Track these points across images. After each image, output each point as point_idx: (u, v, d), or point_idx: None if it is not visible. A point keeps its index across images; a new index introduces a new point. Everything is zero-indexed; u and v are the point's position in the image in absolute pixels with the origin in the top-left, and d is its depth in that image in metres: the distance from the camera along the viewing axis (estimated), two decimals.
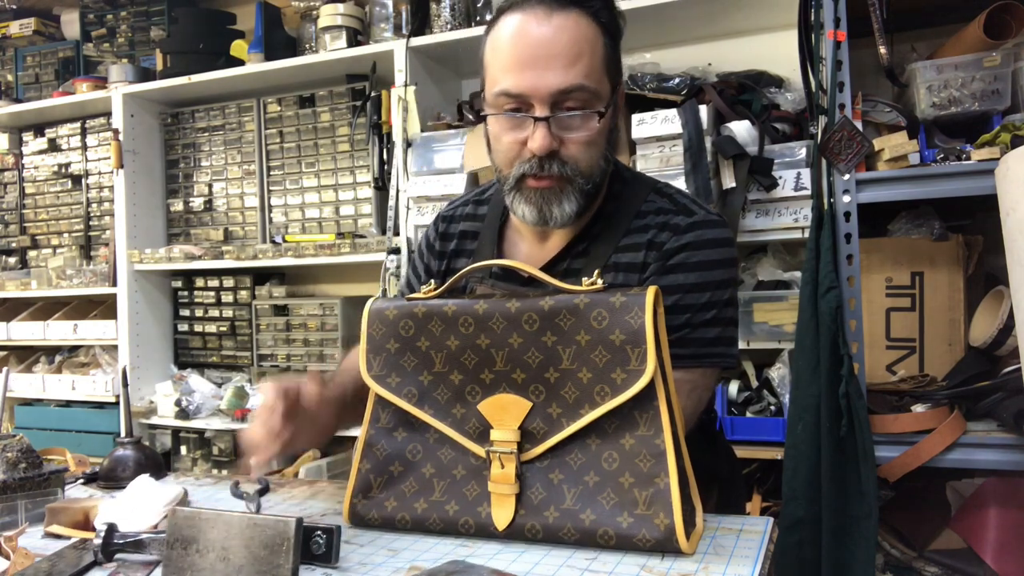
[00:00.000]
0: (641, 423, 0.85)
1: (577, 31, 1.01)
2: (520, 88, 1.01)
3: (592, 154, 1.05)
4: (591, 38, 1.02)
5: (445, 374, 0.94)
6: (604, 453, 0.87)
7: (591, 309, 0.87)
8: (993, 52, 1.63)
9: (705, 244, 1.07)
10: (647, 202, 1.12)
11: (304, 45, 2.61)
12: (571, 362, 0.88)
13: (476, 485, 0.91)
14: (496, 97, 1.04)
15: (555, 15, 1.01)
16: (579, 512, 0.86)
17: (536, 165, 1.02)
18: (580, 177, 1.04)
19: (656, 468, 0.84)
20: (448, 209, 1.30)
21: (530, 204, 1.05)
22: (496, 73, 1.04)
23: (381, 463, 0.96)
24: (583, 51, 1.01)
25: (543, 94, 1.00)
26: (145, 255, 2.73)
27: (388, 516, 0.94)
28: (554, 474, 0.88)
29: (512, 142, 1.04)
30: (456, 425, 0.93)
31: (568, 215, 1.05)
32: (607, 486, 0.86)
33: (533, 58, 1.00)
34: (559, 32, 1.00)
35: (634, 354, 0.85)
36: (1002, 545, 1.59)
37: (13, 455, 1.15)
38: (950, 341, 1.73)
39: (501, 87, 1.02)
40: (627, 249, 1.09)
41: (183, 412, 2.57)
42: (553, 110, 1.01)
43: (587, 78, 1.01)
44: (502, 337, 0.90)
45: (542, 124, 1.00)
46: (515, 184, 1.05)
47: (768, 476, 1.91)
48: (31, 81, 3.17)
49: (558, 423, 0.89)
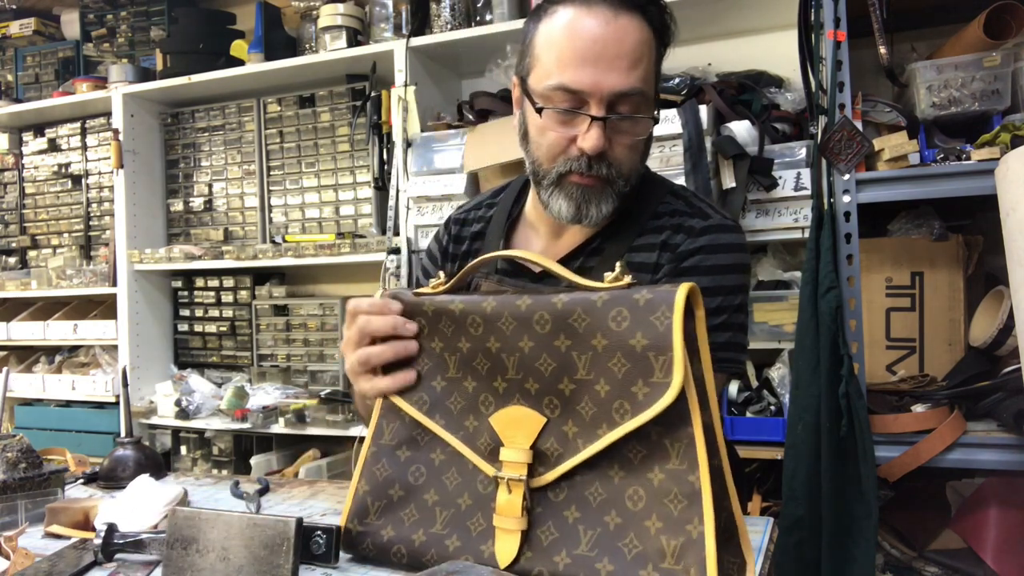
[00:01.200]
0: (673, 454, 0.71)
1: (640, 34, 1.01)
2: (581, 84, 0.99)
3: (635, 158, 1.06)
4: (650, 43, 1.03)
5: (459, 380, 0.85)
6: (629, 489, 0.73)
7: (609, 308, 0.74)
8: (993, 52, 1.63)
9: (719, 248, 1.07)
10: (663, 203, 1.12)
11: (304, 45, 2.61)
12: (587, 371, 0.76)
13: (482, 519, 0.81)
14: (551, 90, 1.01)
15: (621, 16, 1.00)
16: (595, 560, 0.73)
17: (585, 164, 1.02)
18: (621, 179, 1.04)
19: (689, 512, 0.69)
20: (460, 212, 1.29)
21: (570, 200, 1.04)
22: (551, 66, 1.01)
23: (380, 485, 0.88)
24: (643, 55, 1.01)
25: (604, 94, 0.99)
26: (145, 255, 2.73)
27: (383, 546, 0.85)
28: (569, 511, 0.76)
29: (560, 137, 1.03)
30: (468, 440, 0.84)
31: (604, 215, 1.05)
32: (630, 530, 0.72)
33: (596, 56, 0.98)
34: (625, 34, 1.00)
35: (658, 363, 0.71)
36: (1002, 545, 1.59)
37: (13, 455, 1.15)
38: (950, 341, 1.73)
39: (559, 80, 1.00)
40: (641, 249, 1.09)
41: (183, 412, 2.57)
42: (608, 111, 1.00)
43: (644, 83, 1.01)
44: (512, 340, 0.80)
45: (598, 124, 0.99)
46: (557, 180, 1.04)
47: (768, 476, 1.90)
48: (31, 81, 3.17)
49: (573, 444, 0.76)
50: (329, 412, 2.37)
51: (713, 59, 2.13)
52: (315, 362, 2.61)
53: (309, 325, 2.62)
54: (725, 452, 0.75)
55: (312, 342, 2.62)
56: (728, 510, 0.73)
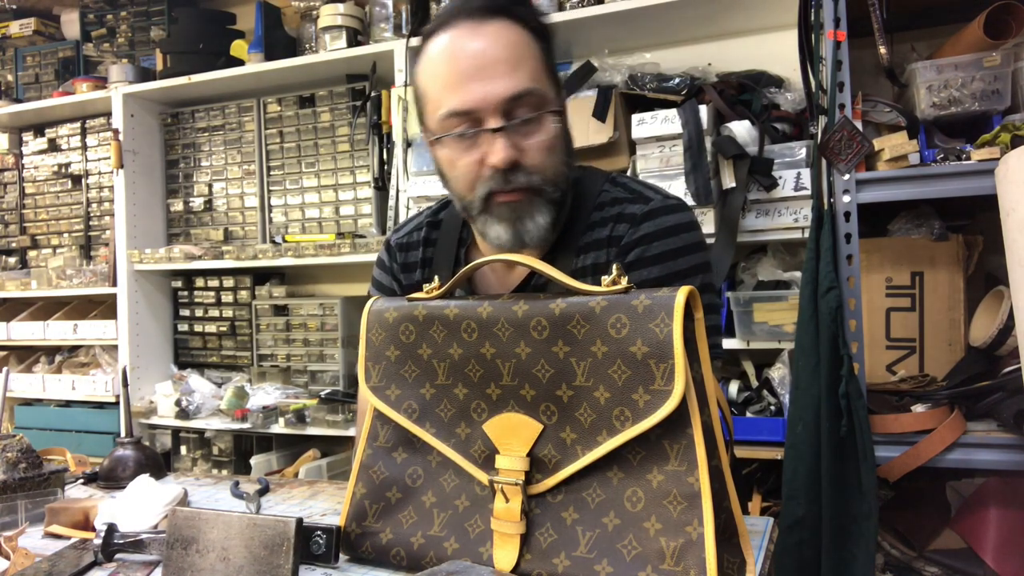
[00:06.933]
0: (672, 455, 0.71)
1: (513, 35, 0.97)
2: (468, 103, 0.95)
3: (556, 159, 1.00)
4: (527, 42, 0.98)
5: (448, 387, 0.84)
6: (627, 490, 0.73)
7: (609, 314, 0.74)
8: (993, 52, 1.63)
9: (664, 233, 1.01)
10: (603, 192, 1.07)
11: (304, 45, 2.61)
12: (586, 378, 0.75)
13: (480, 521, 0.80)
14: (443, 121, 0.97)
15: (486, 25, 0.97)
16: (594, 562, 0.73)
17: (501, 179, 0.96)
18: (548, 186, 0.99)
19: (688, 514, 0.70)
20: (400, 236, 1.20)
21: (503, 222, 0.99)
22: (438, 97, 0.98)
23: (378, 488, 0.87)
24: (523, 55, 0.97)
25: (494, 104, 0.94)
26: (145, 255, 2.73)
27: (383, 549, 0.85)
28: (567, 512, 0.76)
29: (469, 163, 0.98)
30: (460, 447, 0.83)
31: (543, 228, 1.00)
32: (629, 531, 0.72)
33: (476, 69, 0.95)
34: (497, 39, 0.96)
35: (659, 371, 0.71)
36: (1002, 545, 1.59)
37: (13, 455, 1.15)
38: (950, 341, 1.73)
39: (448, 107, 0.96)
40: (590, 248, 1.04)
41: (183, 412, 2.57)
42: (506, 119, 0.95)
43: (534, 81, 0.97)
44: (508, 346, 0.79)
45: (499, 135, 0.94)
46: (483, 206, 0.99)
47: (768, 476, 1.90)
48: (31, 81, 3.17)
49: (572, 451, 0.76)
50: (329, 412, 2.37)
51: (713, 59, 2.13)
52: (315, 362, 2.61)
53: (309, 325, 2.62)
54: (725, 452, 0.74)
55: (312, 342, 2.62)
56: (728, 510, 0.73)
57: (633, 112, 1.93)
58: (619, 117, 1.98)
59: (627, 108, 2.02)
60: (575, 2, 2.10)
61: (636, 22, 2.10)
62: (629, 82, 2.01)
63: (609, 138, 1.95)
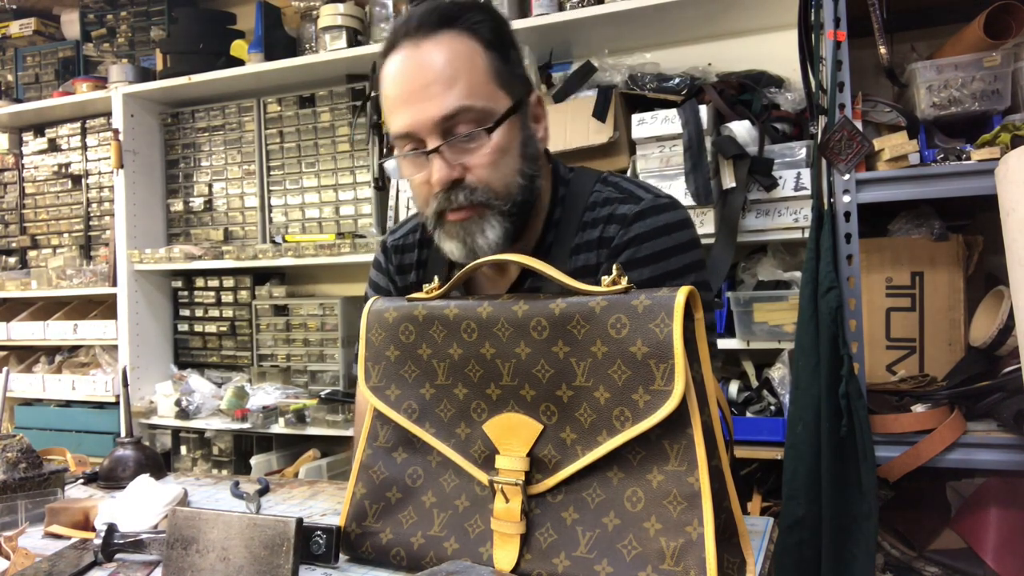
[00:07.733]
0: (672, 455, 0.72)
1: (449, 52, 0.96)
2: (406, 126, 0.96)
3: (503, 173, 0.98)
4: (467, 55, 0.97)
5: (448, 387, 0.84)
6: (627, 490, 0.73)
7: (608, 314, 0.74)
8: (993, 52, 1.63)
9: (655, 233, 1.01)
10: (594, 192, 1.06)
11: (304, 45, 2.61)
12: (586, 378, 0.75)
13: (480, 521, 0.81)
14: (396, 141, 1.00)
15: (423, 43, 0.96)
16: (594, 562, 0.73)
17: (444, 199, 0.97)
18: (497, 200, 0.98)
19: (688, 514, 0.70)
20: (396, 239, 1.22)
21: (454, 239, 1.00)
22: (388, 118, 1.00)
23: (378, 488, 0.88)
24: (459, 70, 0.95)
25: (428, 126, 0.95)
26: (145, 255, 2.73)
27: (383, 549, 0.86)
28: (567, 512, 0.76)
29: (420, 182, 0.99)
30: (460, 447, 0.83)
31: (494, 242, 0.99)
32: (629, 531, 0.72)
33: (411, 92, 0.96)
34: (430, 59, 0.96)
35: (659, 371, 0.71)
36: (1002, 545, 1.59)
37: (13, 455, 1.15)
38: (950, 341, 1.73)
39: (394, 130, 0.99)
40: (582, 249, 1.04)
41: (183, 412, 2.57)
42: (445, 138, 0.95)
43: (469, 97, 0.95)
44: (508, 346, 0.79)
45: (436, 156, 0.95)
46: (436, 222, 1.00)
47: (768, 476, 1.91)
48: (31, 81, 3.17)
49: (572, 451, 0.76)
50: (329, 412, 2.37)
51: (713, 59, 2.13)
52: (315, 362, 2.61)
53: (309, 325, 2.62)
54: (725, 452, 0.74)
55: (312, 342, 2.62)
56: (728, 510, 0.73)
57: (633, 112, 1.93)
58: (619, 117, 1.98)
59: (627, 108, 2.02)
60: (575, 2, 2.10)
61: (636, 22, 2.10)
62: (629, 82, 2.02)
63: (609, 138, 1.95)
